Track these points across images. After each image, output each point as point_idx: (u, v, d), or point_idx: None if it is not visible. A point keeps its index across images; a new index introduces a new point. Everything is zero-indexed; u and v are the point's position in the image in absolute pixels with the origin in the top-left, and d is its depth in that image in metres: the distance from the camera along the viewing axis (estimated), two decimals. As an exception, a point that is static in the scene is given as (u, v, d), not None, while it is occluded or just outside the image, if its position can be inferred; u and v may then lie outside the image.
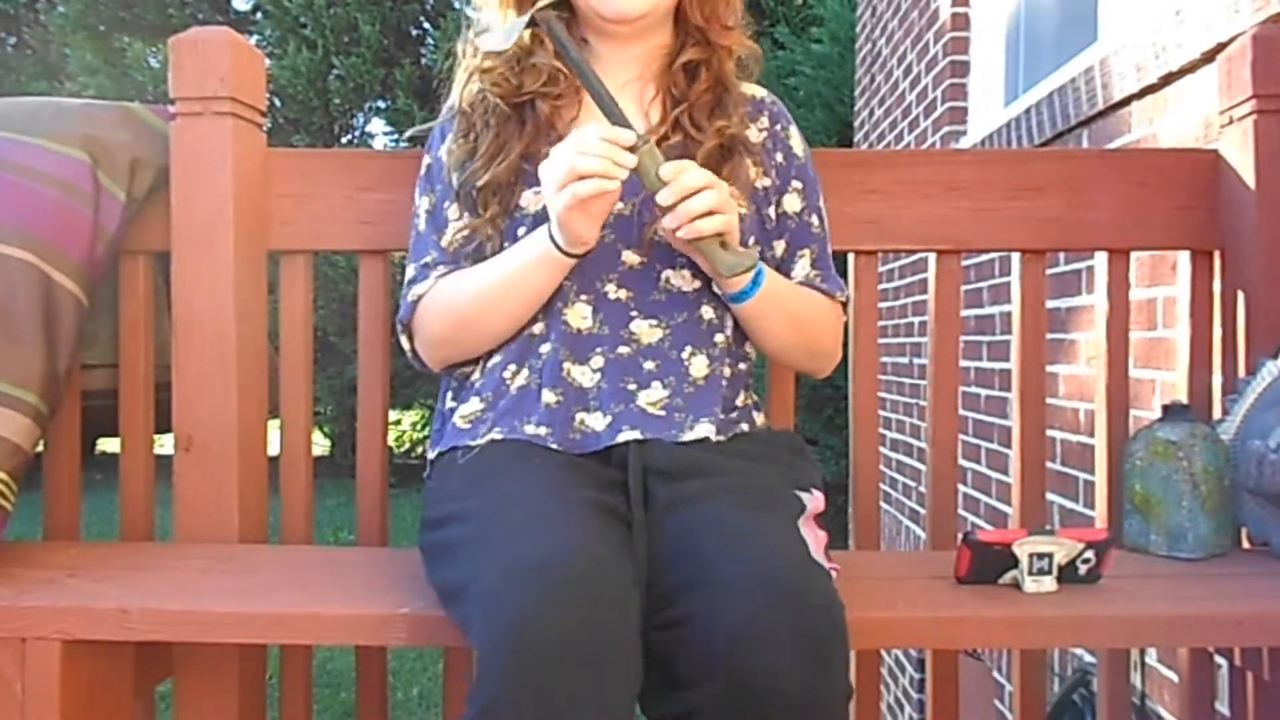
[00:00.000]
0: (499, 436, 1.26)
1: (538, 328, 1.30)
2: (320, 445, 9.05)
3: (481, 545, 1.06)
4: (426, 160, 1.41)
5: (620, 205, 1.27)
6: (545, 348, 1.29)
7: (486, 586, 1.00)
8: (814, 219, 1.40)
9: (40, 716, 1.18)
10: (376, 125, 11.52)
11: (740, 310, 1.31)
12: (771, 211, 1.37)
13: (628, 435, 1.22)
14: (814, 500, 1.21)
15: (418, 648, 4.38)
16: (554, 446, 1.23)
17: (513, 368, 1.30)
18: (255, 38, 8.85)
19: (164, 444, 1.60)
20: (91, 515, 1.91)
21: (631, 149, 1.17)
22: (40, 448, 1.46)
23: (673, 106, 1.33)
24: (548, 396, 1.26)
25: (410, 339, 1.38)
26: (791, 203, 1.39)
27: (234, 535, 1.48)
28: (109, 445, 1.89)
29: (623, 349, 1.28)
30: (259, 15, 8.97)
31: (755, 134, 1.38)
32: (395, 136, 8.76)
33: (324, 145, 8.55)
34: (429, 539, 1.22)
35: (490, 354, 1.33)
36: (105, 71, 8.83)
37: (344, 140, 8.90)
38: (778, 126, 1.40)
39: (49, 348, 1.38)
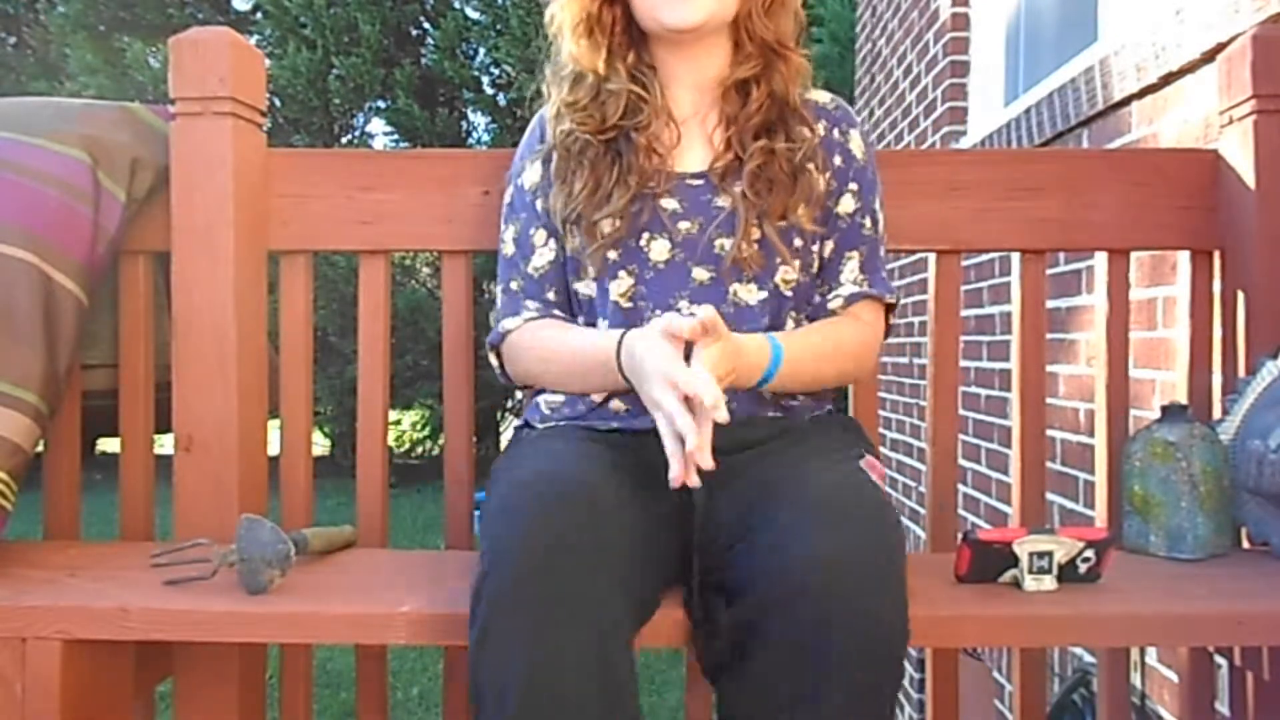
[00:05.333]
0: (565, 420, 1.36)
1: (607, 327, 1.36)
2: (320, 445, 9.04)
3: (507, 481, 1.15)
4: (509, 190, 1.46)
5: (687, 225, 1.34)
6: None
7: (498, 499, 1.10)
8: (866, 220, 1.41)
9: (40, 716, 1.18)
10: (376, 125, 11.55)
11: (765, 389, 1.30)
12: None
13: None
14: (871, 461, 1.26)
15: (418, 648, 4.38)
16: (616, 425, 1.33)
17: None
18: (255, 38, 8.84)
19: (164, 444, 1.60)
20: (91, 515, 1.91)
21: None
22: (40, 448, 1.46)
23: (727, 129, 1.36)
24: (616, 404, 1.34)
25: (499, 360, 1.45)
26: (846, 204, 1.40)
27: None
28: (109, 445, 1.89)
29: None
30: (259, 15, 8.95)
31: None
32: (395, 136, 8.76)
33: (324, 145, 8.55)
34: (488, 504, 1.29)
35: None
36: (105, 71, 8.81)
37: (344, 140, 8.89)
38: (836, 131, 1.41)
39: (49, 348, 1.38)
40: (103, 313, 1.56)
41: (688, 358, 1.15)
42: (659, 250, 1.34)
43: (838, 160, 1.40)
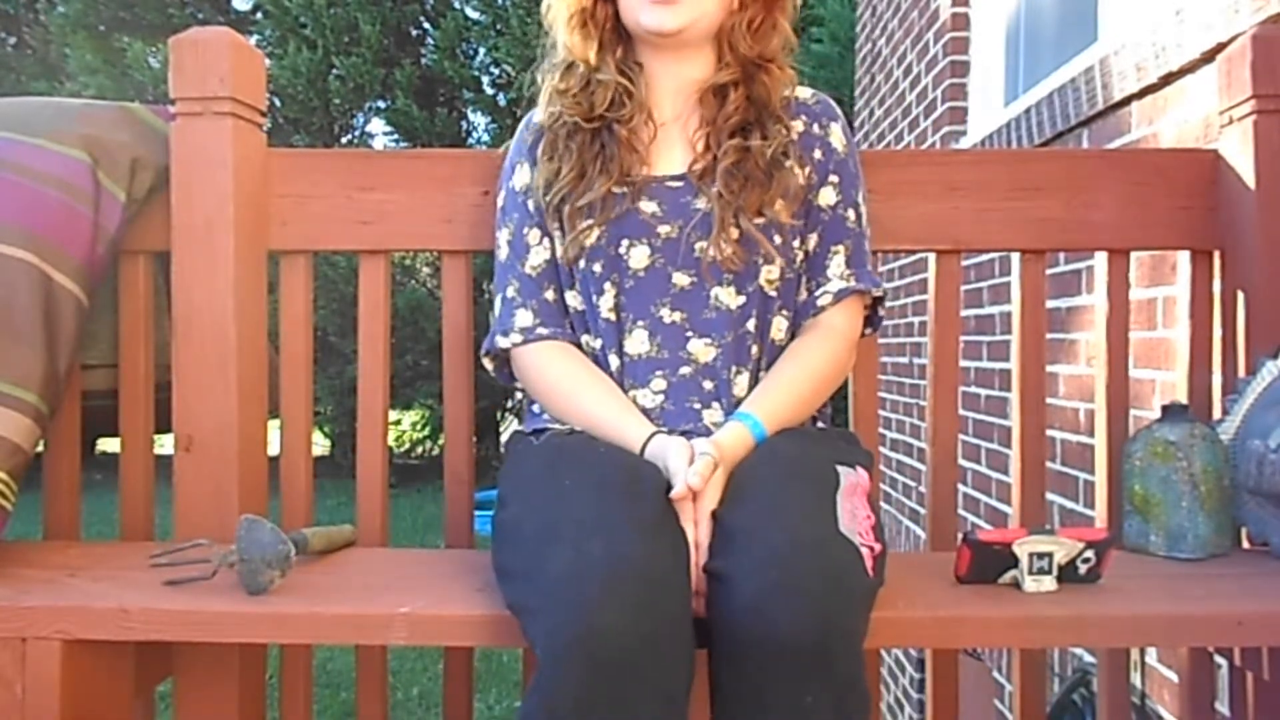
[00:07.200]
0: (571, 429, 1.35)
1: (600, 344, 1.37)
2: (320, 445, 9.04)
3: (549, 540, 1.10)
4: (501, 195, 1.47)
5: (666, 228, 1.35)
6: (613, 363, 1.36)
7: (555, 579, 1.05)
8: (850, 213, 1.42)
9: (40, 716, 1.18)
10: (376, 125, 11.53)
11: None
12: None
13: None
14: (857, 476, 1.25)
15: (418, 648, 4.38)
16: None
17: None
18: (255, 38, 8.85)
19: (164, 444, 1.60)
20: (91, 515, 1.91)
21: None
22: (40, 448, 1.46)
23: (706, 131, 1.38)
24: None
25: (495, 366, 1.46)
26: (826, 196, 1.41)
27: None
28: (109, 445, 1.89)
29: (684, 369, 1.35)
30: (259, 15, 8.96)
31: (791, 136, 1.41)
32: (395, 136, 8.76)
33: (324, 145, 8.55)
34: (502, 516, 1.27)
35: None
36: (105, 71, 8.82)
37: (344, 140, 8.90)
38: (816, 125, 1.42)
39: (49, 348, 1.38)
40: (103, 313, 1.56)
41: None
42: (638, 257, 1.35)
43: (817, 154, 1.41)
